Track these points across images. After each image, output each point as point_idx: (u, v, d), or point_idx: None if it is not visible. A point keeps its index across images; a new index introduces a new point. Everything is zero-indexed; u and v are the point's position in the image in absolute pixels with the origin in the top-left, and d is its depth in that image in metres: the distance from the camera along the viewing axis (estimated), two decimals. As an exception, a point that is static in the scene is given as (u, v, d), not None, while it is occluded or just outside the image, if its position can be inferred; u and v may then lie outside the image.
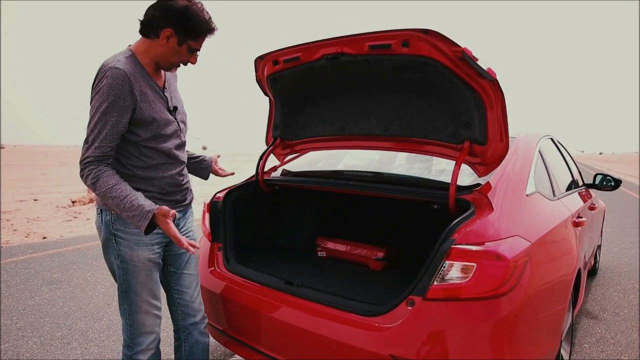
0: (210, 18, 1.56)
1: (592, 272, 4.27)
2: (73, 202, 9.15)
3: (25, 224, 6.75)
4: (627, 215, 8.50)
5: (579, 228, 2.43)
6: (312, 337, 1.67)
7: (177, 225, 1.75)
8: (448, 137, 1.88)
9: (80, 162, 1.48)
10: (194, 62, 1.64)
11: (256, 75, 2.20)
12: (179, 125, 1.70)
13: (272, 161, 2.54)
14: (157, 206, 1.49)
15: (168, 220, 1.47)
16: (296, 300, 1.81)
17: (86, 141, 1.47)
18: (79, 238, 5.81)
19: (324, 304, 1.73)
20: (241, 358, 2.06)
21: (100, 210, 1.65)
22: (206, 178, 2.06)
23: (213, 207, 2.26)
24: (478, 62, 1.56)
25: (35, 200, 9.60)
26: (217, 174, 2.07)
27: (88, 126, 1.48)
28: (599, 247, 4.44)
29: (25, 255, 4.82)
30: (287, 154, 2.57)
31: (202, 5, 1.55)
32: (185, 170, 1.80)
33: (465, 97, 1.72)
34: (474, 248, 1.46)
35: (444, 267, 1.47)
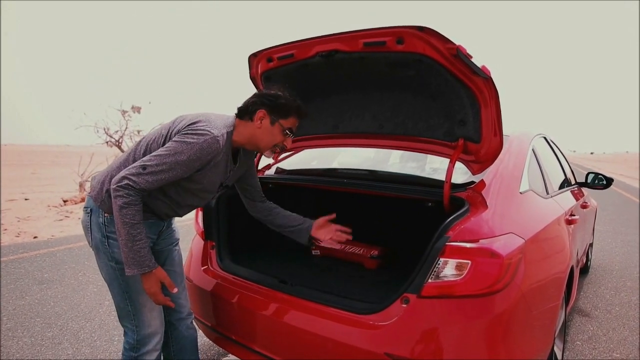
0: (299, 101, 1.69)
1: (584, 270, 4.31)
2: (64, 201, 9.06)
3: (15, 224, 6.67)
4: (618, 213, 8.59)
5: (572, 226, 2.44)
6: (307, 336, 1.66)
7: (162, 231, 1.78)
8: (442, 135, 1.88)
9: (125, 178, 1.43)
10: (288, 145, 1.73)
11: (250, 73, 2.18)
12: (212, 198, 1.78)
13: (266, 159, 2.53)
14: (158, 266, 1.54)
15: (158, 284, 1.54)
16: (291, 299, 1.80)
17: (144, 167, 1.45)
18: (71, 237, 5.75)
19: (318, 303, 1.73)
20: (235, 357, 2.05)
21: (91, 210, 1.63)
22: (306, 244, 2.01)
23: (206, 205, 2.24)
24: (472, 60, 1.56)
25: (26, 199, 9.49)
26: (319, 238, 1.98)
27: (156, 157, 1.47)
28: (591, 245, 4.48)
29: (16, 255, 4.76)
30: (280, 153, 2.56)
31: (294, 95, 1.69)
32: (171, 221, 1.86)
33: (459, 95, 1.72)
34: (469, 245, 1.47)
35: (439, 264, 1.47)
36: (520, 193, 1.88)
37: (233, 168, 1.75)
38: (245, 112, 1.65)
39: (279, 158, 2.65)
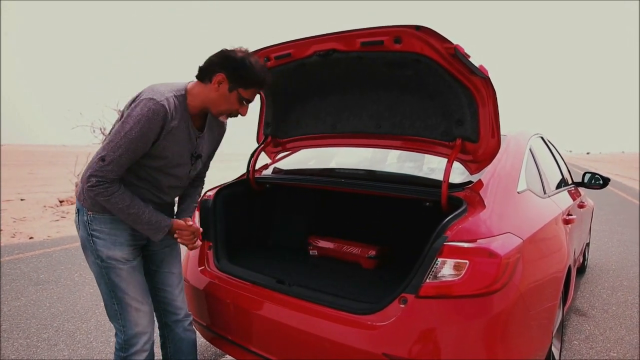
0: (265, 72, 1.59)
1: (581, 269, 4.32)
2: (61, 201, 9.02)
3: (11, 224, 6.63)
4: (614, 213, 8.62)
5: (569, 226, 2.44)
6: (304, 336, 1.66)
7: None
8: (440, 135, 1.88)
9: (92, 176, 1.44)
10: (243, 114, 1.65)
11: (247, 72, 2.18)
12: (189, 173, 1.72)
13: (263, 159, 2.52)
14: (173, 221, 1.65)
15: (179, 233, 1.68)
16: (288, 299, 1.79)
17: (102, 159, 1.44)
18: (67, 238, 5.72)
19: (316, 303, 1.72)
20: (232, 358, 2.04)
21: (78, 210, 1.64)
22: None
23: (203, 205, 2.23)
24: (470, 59, 1.56)
25: (22, 200, 9.44)
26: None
27: (109, 143, 1.45)
28: (588, 244, 4.50)
29: (12, 256, 4.73)
30: (278, 152, 2.55)
31: (259, 60, 1.59)
32: (168, 209, 1.81)
33: (457, 95, 1.71)
34: (467, 245, 1.46)
35: (437, 264, 1.47)
36: (518, 193, 1.88)
37: (199, 135, 1.67)
38: (205, 72, 1.56)
39: (277, 158, 2.65)
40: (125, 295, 1.61)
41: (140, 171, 1.59)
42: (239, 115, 1.65)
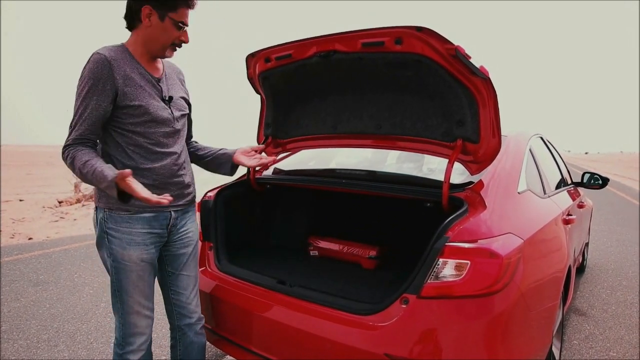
0: None
1: (581, 269, 4.33)
2: (60, 202, 9.01)
3: (10, 225, 6.62)
4: (613, 213, 8.64)
5: (569, 226, 2.45)
6: (305, 337, 1.66)
7: (174, 226, 1.71)
8: (441, 135, 1.88)
9: (63, 148, 1.51)
10: (186, 40, 1.58)
11: (247, 73, 2.18)
12: (173, 114, 1.65)
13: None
14: (118, 172, 1.40)
15: (128, 181, 1.38)
16: (289, 300, 1.79)
17: (70, 125, 1.51)
18: (66, 239, 5.72)
19: (317, 303, 1.72)
20: (234, 358, 2.04)
21: (96, 207, 1.65)
22: (230, 173, 1.92)
23: (204, 206, 2.23)
24: (471, 60, 1.56)
25: (20, 200, 9.43)
26: (242, 163, 1.87)
27: (73, 114, 1.51)
28: (587, 244, 4.51)
29: (11, 257, 4.72)
30: (278, 153, 2.55)
31: None
32: (184, 163, 1.73)
33: (457, 95, 1.72)
34: (468, 245, 1.46)
35: (438, 264, 1.47)
36: (518, 193, 1.88)
37: (158, 79, 1.63)
38: (131, 17, 1.53)
39: (277, 158, 2.65)
40: (130, 298, 1.61)
41: (132, 142, 1.56)
42: (182, 44, 1.59)
